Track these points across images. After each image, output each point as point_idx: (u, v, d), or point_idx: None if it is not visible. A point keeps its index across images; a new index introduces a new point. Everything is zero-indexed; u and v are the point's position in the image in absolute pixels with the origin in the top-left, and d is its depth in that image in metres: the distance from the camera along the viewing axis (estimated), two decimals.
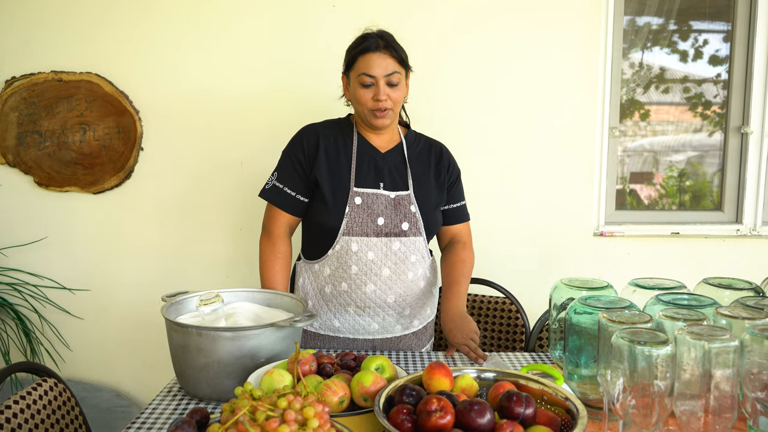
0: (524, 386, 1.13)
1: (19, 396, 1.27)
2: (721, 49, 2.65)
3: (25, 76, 2.50)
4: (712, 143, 2.71)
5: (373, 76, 1.62)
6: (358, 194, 1.68)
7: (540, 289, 2.54)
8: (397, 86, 1.65)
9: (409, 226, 1.70)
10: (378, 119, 1.67)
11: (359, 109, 1.69)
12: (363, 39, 1.65)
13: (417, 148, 1.81)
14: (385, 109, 1.65)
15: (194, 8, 2.49)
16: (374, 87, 1.63)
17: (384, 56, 1.62)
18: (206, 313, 1.47)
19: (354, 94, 1.68)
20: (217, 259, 2.61)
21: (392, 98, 1.65)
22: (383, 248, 1.67)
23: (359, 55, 1.63)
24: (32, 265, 2.61)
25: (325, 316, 1.75)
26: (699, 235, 2.62)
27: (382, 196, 1.69)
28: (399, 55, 1.65)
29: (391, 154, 1.77)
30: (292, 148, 1.76)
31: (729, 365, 0.98)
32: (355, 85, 1.66)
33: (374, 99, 1.64)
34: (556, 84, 2.52)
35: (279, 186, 1.74)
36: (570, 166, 2.56)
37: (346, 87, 1.74)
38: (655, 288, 1.36)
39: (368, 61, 1.62)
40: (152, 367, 2.66)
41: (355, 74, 1.65)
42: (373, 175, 1.72)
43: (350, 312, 1.72)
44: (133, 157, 2.54)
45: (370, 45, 1.62)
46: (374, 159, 1.74)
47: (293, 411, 0.88)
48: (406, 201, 1.71)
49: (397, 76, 1.64)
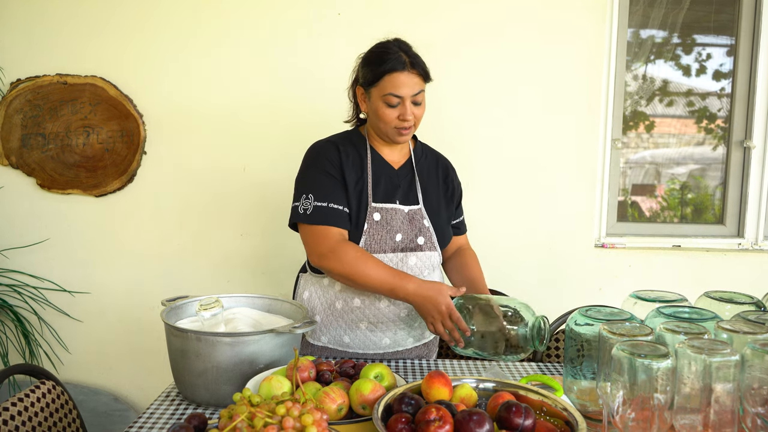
0: (524, 397, 1.13)
1: (17, 398, 1.27)
2: (725, 64, 2.66)
3: (30, 79, 2.52)
4: (714, 157, 2.71)
5: (401, 96, 1.58)
6: (377, 210, 1.65)
7: (541, 300, 2.53)
8: (421, 104, 1.63)
9: (425, 241, 1.69)
10: (402, 137, 1.65)
11: (381, 126, 1.65)
12: (386, 54, 1.59)
13: (425, 162, 1.80)
14: (409, 127, 1.63)
15: (199, 14, 2.50)
16: (401, 107, 1.60)
17: (411, 75, 1.58)
18: (206, 318, 1.47)
19: (377, 111, 1.62)
20: (218, 264, 2.61)
21: (416, 116, 1.63)
22: (399, 264, 1.65)
23: (386, 74, 1.58)
24: (33, 267, 2.61)
25: (335, 332, 1.71)
26: (700, 249, 2.62)
27: (399, 211, 1.67)
28: (424, 71, 1.62)
29: (403, 169, 1.75)
30: (318, 165, 1.67)
31: (730, 380, 0.97)
32: (378, 103, 1.61)
33: (400, 118, 1.61)
34: (559, 95, 2.52)
35: (322, 205, 1.62)
36: (572, 177, 2.56)
37: (362, 99, 1.68)
38: (657, 300, 1.35)
39: (395, 81, 1.57)
40: (151, 371, 2.66)
41: (379, 92, 1.60)
42: (390, 191, 1.69)
43: (362, 328, 1.68)
44: (136, 161, 2.54)
45: (396, 64, 1.57)
46: (390, 176, 1.71)
47: (291, 418, 0.87)
48: (418, 215, 1.70)
49: (421, 95, 1.62)
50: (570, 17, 2.49)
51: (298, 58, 2.51)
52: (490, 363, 1.65)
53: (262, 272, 2.60)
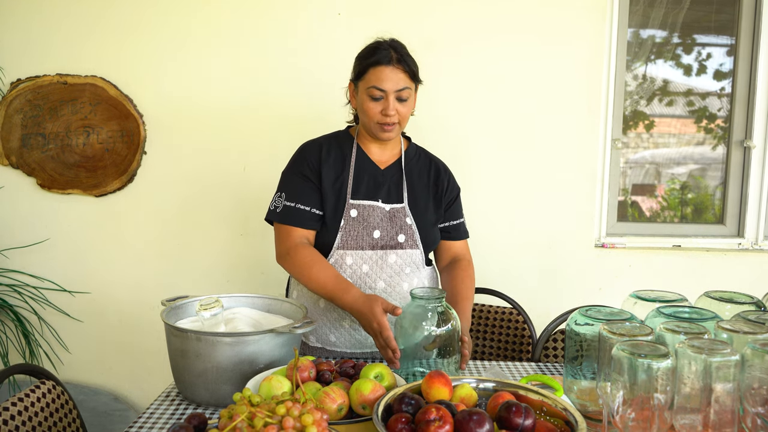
0: (524, 397, 1.13)
1: (17, 398, 1.27)
2: (725, 63, 2.66)
3: (31, 79, 2.52)
4: (714, 156, 2.71)
5: (384, 90, 1.58)
6: (354, 206, 1.66)
7: (541, 299, 2.53)
8: (406, 101, 1.62)
9: (406, 238, 1.68)
10: (384, 133, 1.65)
11: (365, 121, 1.66)
12: (375, 49, 1.61)
13: (417, 163, 1.78)
14: (392, 124, 1.63)
15: (200, 14, 2.50)
16: (384, 101, 1.60)
17: (396, 71, 1.58)
18: (206, 318, 1.46)
19: (362, 105, 1.64)
20: (218, 264, 2.61)
21: (400, 113, 1.62)
22: (378, 261, 1.65)
23: (371, 67, 1.59)
24: (33, 266, 2.61)
25: (321, 330, 1.72)
26: (700, 249, 2.62)
27: (378, 209, 1.67)
28: (411, 69, 1.62)
29: (390, 170, 1.74)
30: (296, 165, 1.71)
31: (730, 380, 0.97)
32: (363, 96, 1.62)
33: (383, 113, 1.61)
34: (559, 95, 2.52)
35: (290, 205, 1.67)
36: (572, 177, 2.56)
37: (353, 95, 1.71)
38: (657, 300, 1.35)
39: (379, 74, 1.58)
40: (150, 371, 2.66)
41: (364, 86, 1.61)
42: (372, 189, 1.70)
43: (345, 326, 1.69)
44: (136, 161, 2.54)
45: (382, 58, 1.58)
46: (374, 175, 1.71)
47: (291, 418, 0.87)
48: (401, 213, 1.69)
49: (407, 92, 1.61)
50: (570, 17, 2.49)
51: (298, 57, 2.51)
52: (491, 363, 1.65)
53: (262, 272, 2.60)
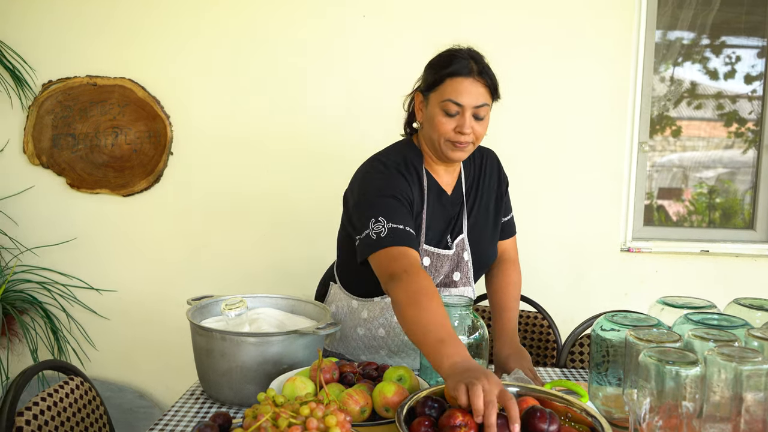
0: (548, 402, 1.12)
1: (46, 393, 1.30)
2: (757, 65, 2.61)
3: (62, 80, 2.57)
4: (743, 160, 2.66)
5: (462, 105, 1.41)
6: (427, 254, 1.51)
7: (566, 304, 2.51)
8: (482, 120, 1.45)
9: (460, 277, 1.58)
10: (455, 152, 1.46)
11: (434, 137, 1.46)
12: (452, 58, 1.44)
13: (472, 172, 1.63)
14: (466, 143, 1.45)
15: (228, 18, 2.52)
16: (459, 117, 1.42)
17: (477, 84, 1.42)
18: (231, 318, 1.48)
19: (433, 119, 1.44)
20: (243, 264, 2.64)
21: (476, 132, 1.45)
22: None
23: (448, 78, 1.41)
24: (62, 264, 2.66)
25: (354, 351, 1.65)
26: (730, 254, 2.57)
27: (447, 256, 1.54)
28: (493, 83, 1.45)
29: (455, 193, 1.59)
30: (387, 189, 1.45)
31: (761, 389, 0.95)
32: (436, 109, 1.43)
33: (456, 130, 1.43)
34: (586, 98, 2.50)
35: (397, 227, 1.37)
36: (598, 181, 2.53)
37: (420, 106, 1.50)
38: (684, 307, 1.33)
39: (458, 87, 1.40)
40: (176, 369, 2.69)
41: (438, 98, 1.43)
42: (443, 225, 1.55)
43: (381, 354, 1.63)
44: (162, 162, 2.58)
45: (461, 68, 1.41)
46: (443, 204, 1.55)
47: (315, 419, 0.88)
48: (459, 248, 1.56)
49: (485, 109, 1.44)
50: (597, 19, 2.46)
51: (325, 59, 2.52)
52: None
53: (286, 273, 2.61)
